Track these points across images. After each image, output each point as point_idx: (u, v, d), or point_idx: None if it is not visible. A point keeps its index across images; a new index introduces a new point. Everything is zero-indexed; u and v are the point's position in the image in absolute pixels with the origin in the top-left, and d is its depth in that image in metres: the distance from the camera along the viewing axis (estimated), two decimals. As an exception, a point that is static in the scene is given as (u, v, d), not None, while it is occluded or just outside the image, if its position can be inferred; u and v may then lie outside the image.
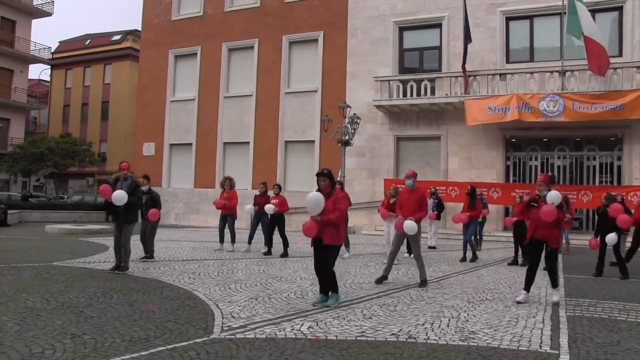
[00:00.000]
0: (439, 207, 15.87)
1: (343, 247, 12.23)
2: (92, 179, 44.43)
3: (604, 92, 18.40)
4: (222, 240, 13.65)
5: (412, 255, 11.68)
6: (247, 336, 5.37)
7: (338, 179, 9.72)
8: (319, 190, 6.97)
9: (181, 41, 27.90)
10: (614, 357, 5.03)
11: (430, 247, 14.98)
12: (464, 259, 12.31)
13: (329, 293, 7.01)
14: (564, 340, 5.54)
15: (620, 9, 19.99)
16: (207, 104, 26.87)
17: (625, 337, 5.76)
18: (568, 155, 20.47)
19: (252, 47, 26.17)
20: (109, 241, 15.49)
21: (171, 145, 28.03)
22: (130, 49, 44.43)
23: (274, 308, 6.74)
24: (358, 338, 5.42)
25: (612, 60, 18.63)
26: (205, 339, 5.24)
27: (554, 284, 7.74)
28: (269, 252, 12.87)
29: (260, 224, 13.38)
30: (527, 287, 7.60)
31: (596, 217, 11.62)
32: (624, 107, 17.73)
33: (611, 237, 9.96)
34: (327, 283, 6.99)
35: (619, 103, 17.80)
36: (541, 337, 5.61)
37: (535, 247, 7.64)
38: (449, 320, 6.31)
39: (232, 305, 6.84)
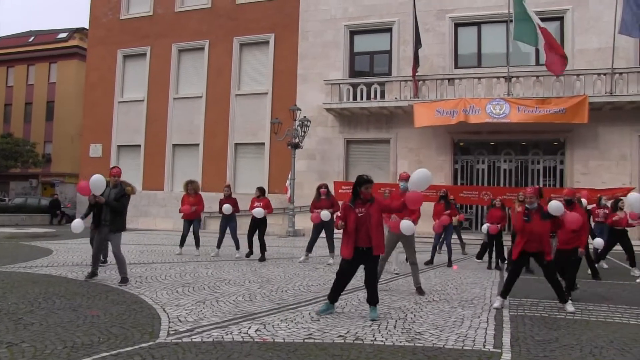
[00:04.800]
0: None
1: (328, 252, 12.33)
2: (35, 180, 42.96)
3: (547, 97, 19.03)
4: (182, 243, 13.37)
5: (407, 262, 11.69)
6: (193, 340, 5.29)
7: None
8: (361, 198, 6.62)
9: (130, 41, 27.35)
10: (552, 353, 5.20)
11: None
12: (450, 265, 12.18)
13: (375, 305, 6.62)
14: (506, 339, 5.67)
15: (561, 19, 20.71)
16: (157, 105, 26.41)
17: (563, 334, 5.97)
18: (514, 159, 21.07)
19: (202, 48, 25.89)
20: (53, 245, 15.10)
21: (119, 146, 27.42)
22: (77, 48, 43.15)
23: (222, 311, 6.67)
24: (305, 340, 5.41)
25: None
26: (151, 343, 5.13)
27: (561, 298, 7.43)
28: (251, 252, 12.71)
29: (228, 228, 13.23)
30: (504, 294, 7.48)
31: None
32: (566, 111, 18.38)
33: (598, 242, 10.19)
34: (375, 294, 6.67)
35: (562, 107, 18.46)
36: (485, 337, 5.73)
37: (522, 258, 7.55)
38: (396, 321, 6.37)
39: (179, 309, 6.72)
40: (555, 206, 7.28)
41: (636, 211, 10.20)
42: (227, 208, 12.73)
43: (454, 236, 13.81)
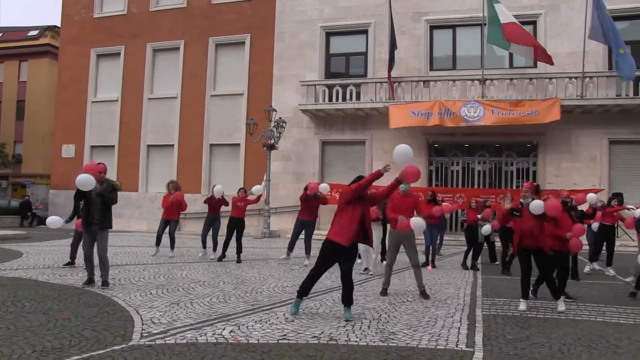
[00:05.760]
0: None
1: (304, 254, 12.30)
2: (5, 181, 42.13)
3: (521, 100, 19.31)
4: (158, 242, 13.24)
5: (383, 263, 11.67)
6: (167, 342, 5.25)
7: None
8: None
9: (104, 40, 27.01)
10: (523, 351, 5.30)
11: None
12: (426, 264, 12.17)
13: (349, 305, 6.64)
14: (478, 338, 5.75)
15: (534, 23, 21.03)
16: (131, 106, 26.13)
17: (534, 333, 6.08)
18: (488, 161, 21.31)
19: (177, 49, 25.71)
20: (24, 247, 14.84)
21: (92, 147, 27.06)
22: (49, 46, 42.33)
23: (196, 313, 6.63)
24: (280, 341, 5.41)
25: (528, 71, 19.65)
26: (123, 346, 5.08)
27: (554, 293, 7.45)
28: (223, 256, 12.58)
29: (211, 229, 13.16)
30: (525, 295, 7.50)
31: None
32: (538, 113, 18.68)
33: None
34: (351, 294, 6.67)
35: (534, 110, 18.75)
36: (458, 336, 5.79)
37: (524, 256, 7.54)
38: (370, 321, 6.40)
39: (153, 310, 6.67)
40: (536, 205, 7.30)
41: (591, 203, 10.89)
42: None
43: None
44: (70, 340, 5.20)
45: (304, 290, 6.76)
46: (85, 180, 7.99)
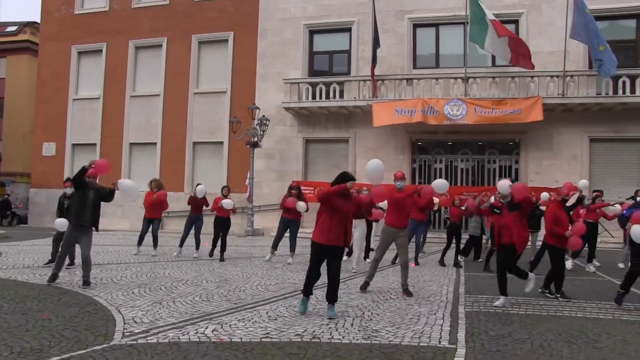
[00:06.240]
0: None
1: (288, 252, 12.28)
2: (-16, 180, 41.61)
3: (503, 98, 19.46)
4: (140, 242, 13.17)
5: (367, 260, 11.67)
6: (149, 341, 5.22)
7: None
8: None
9: (85, 36, 26.70)
10: (505, 348, 5.35)
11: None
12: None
13: (333, 303, 6.65)
14: (461, 335, 5.79)
15: (516, 22, 21.19)
16: (113, 103, 25.87)
17: (516, 329, 6.14)
18: (471, 159, 21.44)
19: (160, 46, 25.51)
20: (3, 247, 14.65)
21: (74, 145, 26.75)
22: (29, 42, 41.76)
23: (178, 312, 6.60)
24: (262, 339, 5.40)
25: (510, 69, 19.81)
26: (104, 345, 5.04)
27: (521, 274, 7.70)
28: (213, 250, 12.62)
29: (193, 228, 13.11)
30: (503, 291, 7.58)
31: None
32: (520, 111, 18.84)
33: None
34: (336, 292, 6.69)
35: (517, 108, 18.91)
36: (441, 333, 5.83)
37: (501, 252, 7.66)
38: (353, 319, 6.41)
39: (135, 310, 6.63)
40: (502, 185, 7.51)
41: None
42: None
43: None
44: (50, 341, 5.14)
45: (307, 288, 6.75)
46: (132, 186, 8.53)
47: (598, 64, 18.32)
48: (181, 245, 13.16)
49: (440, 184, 9.08)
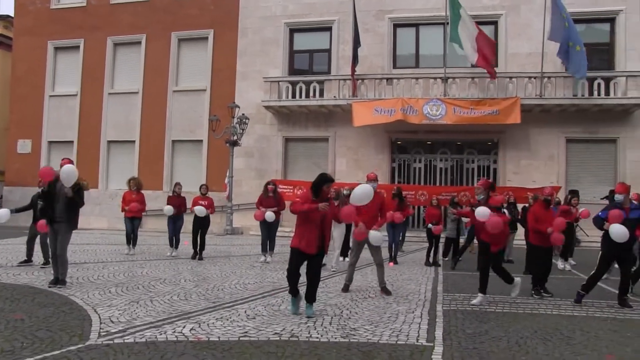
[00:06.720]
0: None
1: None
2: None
3: (482, 99, 19.64)
4: (129, 241, 13.05)
5: (345, 259, 11.63)
6: (126, 341, 5.18)
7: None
8: (321, 197, 6.71)
9: (62, 32, 26.27)
10: (482, 345, 5.40)
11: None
12: (389, 260, 12.17)
13: (312, 302, 6.67)
14: (438, 333, 5.83)
15: (495, 23, 21.40)
16: (91, 100, 25.52)
17: (492, 327, 6.20)
18: (450, 158, 21.60)
19: (139, 43, 25.24)
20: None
21: (50, 142, 26.36)
22: (2, 36, 41.03)
23: (156, 311, 6.55)
24: (241, 338, 5.38)
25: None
26: (80, 345, 4.97)
27: (507, 278, 7.76)
28: (197, 254, 12.47)
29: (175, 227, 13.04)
30: (483, 290, 7.62)
31: None
32: (499, 112, 19.02)
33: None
34: (315, 291, 6.73)
35: (495, 109, 19.08)
36: (418, 331, 5.86)
37: (483, 249, 7.72)
38: (332, 318, 6.43)
39: (112, 309, 6.56)
40: (481, 212, 7.41)
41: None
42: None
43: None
44: (22, 342, 5.05)
45: (291, 288, 6.73)
46: (70, 171, 7.89)
47: (574, 65, 18.53)
48: (171, 244, 13.07)
49: (376, 237, 8.11)
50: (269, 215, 11.77)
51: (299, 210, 6.59)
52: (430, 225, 12.62)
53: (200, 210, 12.36)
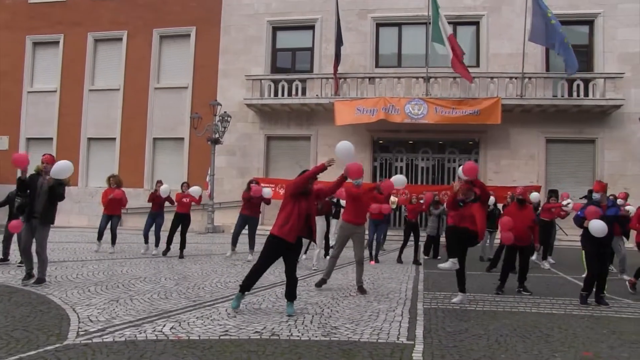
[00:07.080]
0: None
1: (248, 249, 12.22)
2: None
3: (464, 99, 19.78)
4: (100, 237, 12.90)
5: (327, 258, 11.60)
6: (105, 340, 5.13)
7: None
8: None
9: (41, 27, 25.90)
10: (461, 343, 5.44)
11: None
12: (369, 258, 12.12)
13: (292, 300, 6.63)
14: (419, 331, 5.86)
15: (477, 24, 21.57)
16: (70, 97, 25.22)
17: (472, 325, 6.25)
18: (431, 157, 21.72)
19: (120, 39, 24.98)
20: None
21: (28, 139, 25.98)
22: (-20, 32, 40.46)
23: (136, 310, 6.49)
24: (221, 337, 5.36)
25: (470, 70, 20.05)
26: (57, 345, 4.91)
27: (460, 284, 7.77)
28: (168, 249, 12.42)
29: (154, 225, 12.94)
30: (462, 288, 7.69)
31: None
32: (480, 112, 19.18)
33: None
34: (295, 289, 6.67)
35: (476, 109, 19.22)
36: (399, 330, 5.89)
37: (460, 244, 7.70)
38: (313, 316, 6.43)
39: (91, 308, 6.49)
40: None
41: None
42: (165, 189, 12.57)
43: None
44: (-3, 343, 4.97)
45: (247, 285, 6.68)
46: (65, 166, 7.91)
47: (566, 62, 18.70)
48: (146, 241, 12.98)
49: (399, 179, 9.36)
50: (266, 191, 11.93)
51: (306, 177, 6.69)
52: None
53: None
